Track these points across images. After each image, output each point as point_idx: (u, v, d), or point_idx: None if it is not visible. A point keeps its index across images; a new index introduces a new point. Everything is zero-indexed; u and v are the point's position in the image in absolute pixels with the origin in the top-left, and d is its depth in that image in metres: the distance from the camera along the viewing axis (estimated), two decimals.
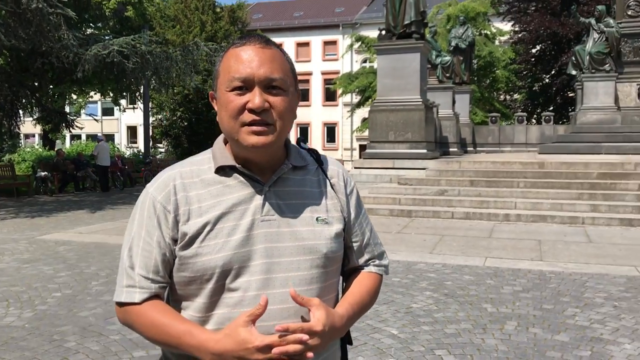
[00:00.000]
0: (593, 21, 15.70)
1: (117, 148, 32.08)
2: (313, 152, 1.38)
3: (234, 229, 1.20)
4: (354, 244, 1.38)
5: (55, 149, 20.10)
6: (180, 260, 1.21)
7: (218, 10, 30.50)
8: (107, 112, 49.19)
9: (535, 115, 30.19)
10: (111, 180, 18.99)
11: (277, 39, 48.29)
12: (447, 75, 19.73)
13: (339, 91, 39.00)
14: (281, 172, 1.27)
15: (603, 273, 6.30)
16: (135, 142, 46.38)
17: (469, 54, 21.52)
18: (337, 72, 43.65)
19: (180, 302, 1.25)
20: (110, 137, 45.57)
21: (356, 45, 33.29)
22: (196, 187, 1.24)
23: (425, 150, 13.56)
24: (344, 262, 1.36)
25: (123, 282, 1.23)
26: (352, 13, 47.99)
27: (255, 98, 1.18)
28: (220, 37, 28.35)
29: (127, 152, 32.63)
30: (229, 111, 1.20)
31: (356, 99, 32.70)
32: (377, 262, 1.42)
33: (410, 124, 13.55)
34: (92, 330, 4.40)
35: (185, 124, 29.74)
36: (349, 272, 1.41)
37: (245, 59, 1.20)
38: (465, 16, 26.09)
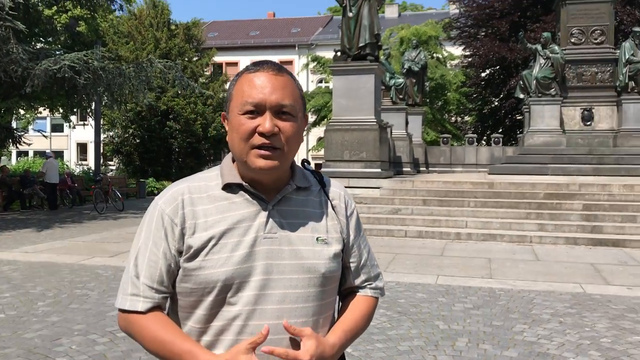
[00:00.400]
0: (539, 47, 16.34)
1: (67, 165, 31.24)
2: (317, 174, 1.43)
3: (238, 245, 1.25)
4: (352, 265, 1.42)
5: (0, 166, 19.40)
6: (184, 272, 1.26)
7: (173, 27, 30.32)
8: (57, 128, 47.85)
9: (485, 137, 31.03)
10: (60, 198, 18.45)
11: (232, 58, 48.47)
12: (401, 96, 20.11)
13: None
14: (285, 192, 1.32)
15: (550, 290, 6.50)
16: (86, 160, 45.30)
17: (421, 77, 22.02)
18: None
19: (180, 312, 1.30)
20: (59, 154, 44.31)
21: (312, 66, 33.63)
22: (203, 202, 1.29)
23: (379, 170, 13.75)
24: (341, 281, 1.40)
25: (128, 290, 1.27)
26: (308, 34, 48.53)
27: (266, 122, 1.24)
28: (174, 54, 28.16)
29: (77, 170, 31.79)
30: (240, 133, 1.26)
31: (312, 118, 32.90)
32: (373, 284, 1.46)
33: (365, 144, 13.73)
34: (37, 353, 4.25)
35: (138, 141, 29.26)
36: (346, 293, 1.45)
37: (259, 85, 1.26)
38: (418, 40, 26.73)
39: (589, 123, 16.26)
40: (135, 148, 29.37)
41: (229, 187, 1.31)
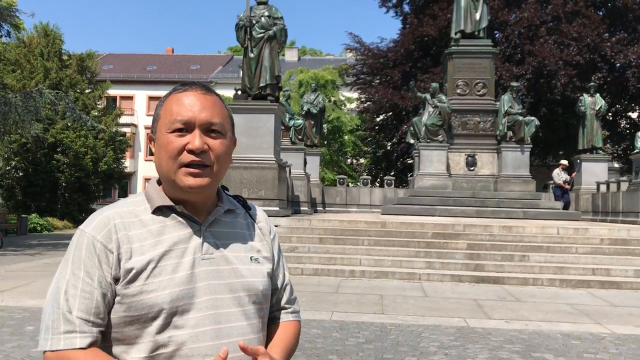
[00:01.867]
0: (428, 96, 17.46)
1: None
2: (240, 199, 1.45)
3: (177, 267, 1.22)
4: (277, 285, 1.44)
5: None
6: (122, 299, 1.19)
7: (65, 57, 29.12)
8: None
9: (379, 179, 32.24)
10: None
11: (127, 92, 47.20)
12: (300, 137, 20.57)
13: None
14: (217, 213, 1.32)
15: (436, 324, 6.83)
16: None
17: (319, 119, 22.67)
18: None
19: (117, 346, 1.21)
20: None
21: None
22: (136, 226, 1.25)
23: (277, 208, 13.87)
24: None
25: (60, 327, 1.16)
26: (207, 71, 48.45)
27: (195, 140, 1.23)
28: (65, 85, 26.99)
29: None
30: (168, 152, 1.24)
31: None
32: (292, 308, 1.48)
33: (264, 182, 13.85)
34: None
35: (21, 174, 27.46)
36: (269, 317, 1.43)
37: (187, 103, 1.26)
38: (316, 83, 27.58)
39: (472, 168, 17.44)
40: (17, 181, 27.53)
41: (159, 211, 1.28)
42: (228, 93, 35.06)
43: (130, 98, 47.43)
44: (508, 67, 26.70)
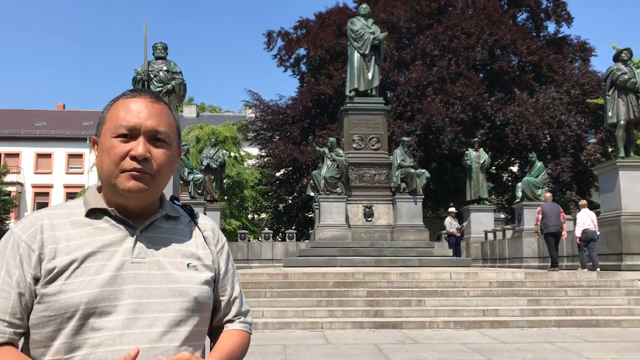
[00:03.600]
0: (327, 150, 18.03)
1: None
2: (187, 208, 1.43)
3: (102, 268, 1.20)
4: (222, 299, 1.40)
5: None
6: (41, 299, 1.18)
7: None
8: None
9: (280, 233, 32.32)
10: None
11: (13, 149, 44.71)
12: (199, 191, 20.38)
13: None
14: (154, 218, 1.30)
15: None
16: None
17: (219, 173, 22.64)
18: (81, 186, 41.74)
19: (34, 349, 1.20)
20: None
21: None
22: (65, 227, 1.24)
23: None
24: (212, 316, 1.37)
25: None
26: None
27: (139, 146, 1.23)
28: None
29: None
30: (111, 156, 1.23)
31: None
32: (242, 319, 1.44)
33: None
34: None
35: None
36: (216, 330, 1.42)
37: (134, 110, 1.26)
38: (216, 139, 27.65)
39: (370, 219, 18.02)
40: None
41: (93, 214, 1.27)
42: None
43: (17, 155, 44.89)
44: (399, 124, 28.24)
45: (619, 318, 10.63)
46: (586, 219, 14.04)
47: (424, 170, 18.42)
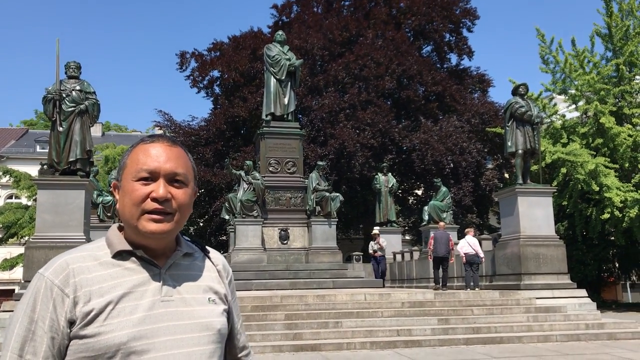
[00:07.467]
0: (243, 173, 18.12)
1: None
2: (198, 243, 1.53)
3: (135, 308, 1.28)
4: (235, 326, 1.53)
5: None
6: (80, 341, 1.23)
7: None
8: None
9: None
10: None
11: None
12: (108, 214, 19.73)
13: None
14: (175, 257, 1.39)
15: None
16: None
17: None
18: None
19: None
20: None
21: (5, 180, 30.59)
22: (95, 269, 1.30)
23: None
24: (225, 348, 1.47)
25: None
26: None
27: (159, 188, 1.32)
28: None
29: None
30: (132, 199, 1.31)
31: None
32: (248, 350, 1.61)
33: None
34: None
35: None
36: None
37: (154, 154, 1.35)
38: None
39: (285, 242, 18.22)
40: None
41: (119, 255, 1.33)
42: (22, 168, 32.38)
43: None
44: (313, 148, 28.78)
45: (520, 334, 11.46)
46: (464, 244, 15.84)
47: (338, 194, 18.92)
